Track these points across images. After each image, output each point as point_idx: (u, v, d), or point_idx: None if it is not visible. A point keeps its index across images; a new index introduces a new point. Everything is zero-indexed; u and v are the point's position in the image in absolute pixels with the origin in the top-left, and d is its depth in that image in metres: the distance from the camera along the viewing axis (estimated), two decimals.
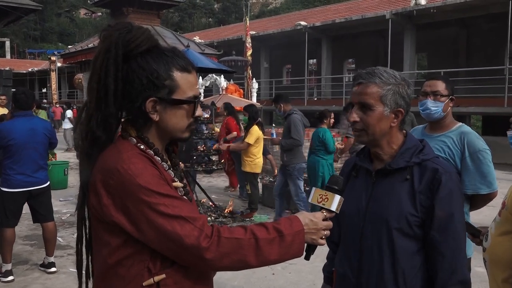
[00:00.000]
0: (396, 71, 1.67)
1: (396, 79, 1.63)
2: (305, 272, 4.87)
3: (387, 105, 1.61)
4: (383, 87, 1.61)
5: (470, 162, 2.68)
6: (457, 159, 2.71)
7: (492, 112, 16.09)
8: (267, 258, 1.34)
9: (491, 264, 2.06)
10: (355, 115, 1.65)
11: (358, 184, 1.74)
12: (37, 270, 4.98)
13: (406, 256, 1.59)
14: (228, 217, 7.29)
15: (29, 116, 4.76)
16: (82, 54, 21.88)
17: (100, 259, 1.38)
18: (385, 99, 1.61)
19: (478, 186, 2.70)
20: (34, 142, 4.67)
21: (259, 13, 56.51)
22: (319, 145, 6.75)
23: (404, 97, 1.63)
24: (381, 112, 1.61)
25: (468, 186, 2.68)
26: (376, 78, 1.61)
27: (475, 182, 2.69)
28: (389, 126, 1.64)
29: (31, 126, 4.68)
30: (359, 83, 1.65)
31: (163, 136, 1.44)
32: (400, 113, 1.63)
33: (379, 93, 1.61)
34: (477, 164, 2.68)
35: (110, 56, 1.34)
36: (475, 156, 2.68)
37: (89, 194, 1.36)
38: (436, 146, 2.68)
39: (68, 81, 35.54)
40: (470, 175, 2.69)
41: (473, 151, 2.68)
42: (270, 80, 25.18)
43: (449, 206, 1.55)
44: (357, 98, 1.65)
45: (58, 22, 62.08)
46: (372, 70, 1.64)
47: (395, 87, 1.61)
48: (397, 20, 18.69)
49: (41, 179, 4.77)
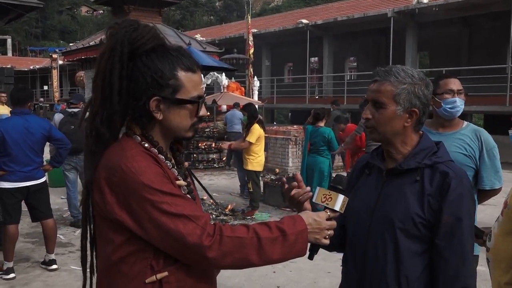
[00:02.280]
0: (416, 70, 1.64)
1: (413, 78, 1.60)
2: (306, 271, 4.87)
3: (401, 105, 1.59)
4: (398, 86, 1.59)
5: (487, 158, 2.76)
6: (477, 155, 2.77)
7: (494, 111, 16.09)
8: (270, 257, 1.33)
9: (494, 264, 2.06)
10: (368, 112, 1.64)
11: (370, 182, 1.73)
12: (38, 267, 4.99)
13: (410, 257, 1.57)
14: (229, 215, 7.30)
15: (25, 114, 4.72)
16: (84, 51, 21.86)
17: (104, 256, 1.38)
18: (398, 98, 1.59)
19: (493, 182, 2.80)
20: (30, 140, 4.66)
21: (261, 11, 56.42)
22: (323, 145, 6.80)
23: (419, 97, 1.60)
24: (393, 111, 1.60)
25: (486, 182, 2.77)
26: (392, 77, 1.60)
27: (491, 177, 2.78)
28: (402, 126, 1.62)
29: (26, 124, 4.66)
30: (375, 80, 1.65)
31: (167, 135, 1.44)
32: (415, 113, 1.61)
33: (393, 91, 1.59)
34: (492, 160, 2.77)
35: (116, 54, 1.34)
36: (491, 152, 2.77)
37: (93, 191, 1.36)
38: (454, 144, 2.72)
39: (70, 79, 35.53)
40: (487, 171, 2.77)
41: (489, 147, 2.77)
42: (271, 78, 25.16)
43: (458, 211, 1.53)
44: (371, 95, 1.64)
45: (59, 19, 62.06)
46: (390, 68, 1.63)
47: (411, 86, 1.59)
48: (399, 18, 18.67)
49: (38, 175, 4.78)
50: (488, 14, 17.70)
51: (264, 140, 7.68)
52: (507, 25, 15.35)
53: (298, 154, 11.26)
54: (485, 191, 2.83)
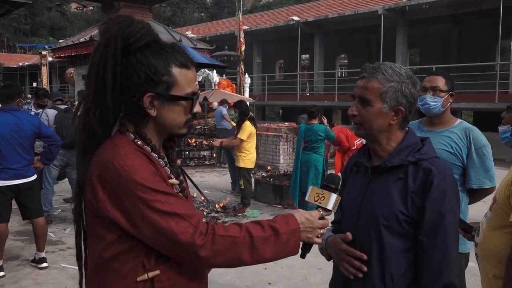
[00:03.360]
0: (404, 68, 1.64)
1: (401, 76, 1.60)
2: (297, 267, 4.89)
3: (387, 102, 1.60)
4: (385, 84, 1.59)
5: (476, 157, 2.74)
6: (464, 154, 2.76)
7: (483, 108, 16.21)
8: (262, 256, 1.33)
9: (483, 259, 2.08)
10: (354, 109, 1.65)
11: (357, 179, 1.75)
12: (28, 265, 4.95)
13: (394, 254, 1.58)
14: (220, 212, 7.31)
15: (14, 111, 4.65)
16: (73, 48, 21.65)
17: (95, 254, 1.38)
18: (385, 96, 1.59)
19: (482, 181, 2.76)
20: (19, 137, 4.58)
21: (252, 7, 56.30)
22: (317, 142, 6.81)
23: (406, 95, 1.61)
24: (379, 108, 1.60)
25: (474, 181, 2.75)
26: (379, 74, 1.60)
27: (480, 176, 2.75)
28: (387, 123, 1.63)
29: (16, 120, 4.59)
30: (362, 77, 1.65)
31: (161, 132, 1.44)
32: (401, 112, 1.62)
33: (380, 89, 1.59)
34: (482, 159, 2.75)
35: (109, 50, 1.33)
36: (480, 151, 2.74)
37: (85, 188, 1.36)
38: (441, 141, 2.73)
39: (59, 76, 35.25)
40: (475, 170, 2.75)
41: (479, 146, 2.74)
42: (262, 75, 25.14)
43: (441, 207, 1.53)
44: (358, 92, 1.64)
45: (49, 16, 61.41)
46: (378, 65, 1.63)
47: (398, 84, 1.60)
48: (390, 15, 18.75)
49: (28, 173, 4.71)
50: (477, 12, 17.82)
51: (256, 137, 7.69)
52: (496, 23, 15.46)
53: (289, 151, 11.27)
54: (476, 191, 2.81)
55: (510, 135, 2.14)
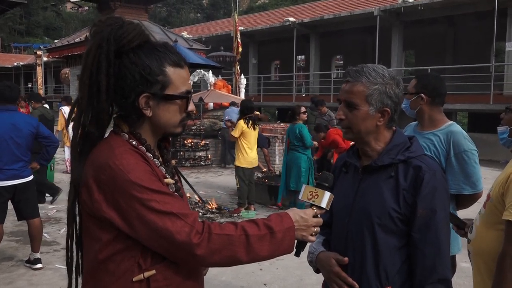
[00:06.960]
0: (386, 69, 1.67)
1: (384, 78, 1.63)
2: (293, 268, 4.89)
3: (373, 105, 1.62)
4: (370, 87, 1.62)
5: (454, 161, 2.70)
6: (442, 158, 2.73)
7: (478, 109, 16.28)
8: (258, 254, 1.34)
9: (475, 256, 2.10)
10: (341, 113, 1.68)
11: (347, 180, 1.77)
12: (22, 266, 4.93)
13: (389, 252, 1.60)
14: (215, 212, 7.31)
15: (11, 111, 4.63)
16: (69, 48, 21.64)
17: (91, 255, 1.37)
18: (370, 99, 1.62)
19: (461, 186, 2.72)
20: (16, 137, 4.56)
21: (248, 8, 56.29)
22: (297, 141, 7.00)
23: (391, 96, 1.63)
24: (366, 111, 1.63)
25: (452, 186, 2.68)
26: (363, 77, 1.62)
27: (459, 182, 2.71)
28: (375, 125, 1.65)
29: (13, 120, 4.57)
30: (347, 81, 1.67)
31: (156, 132, 1.44)
32: (387, 113, 1.64)
33: (365, 92, 1.62)
34: (461, 164, 2.70)
35: (102, 51, 1.33)
36: (460, 156, 2.69)
37: (80, 189, 1.35)
38: (423, 144, 2.70)
39: (55, 76, 35.16)
40: (454, 175, 2.71)
41: (458, 151, 2.70)
42: (258, 76, 25.12)
43: (432, 204, 1.56)
44: (344, 96, 1.67)
45: (44, 16, 61.20)
46: (361, 68, 1.65)
47: (382, 86, 1.62)
48: (385, 17, 18.80)
49: (25, 173, 4.69)
50: (473, 14, 17.90)
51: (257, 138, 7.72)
52: (491, 25, 15.53)
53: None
54: (460, 197, 2.78)
55: (508, 136, 2.15)
